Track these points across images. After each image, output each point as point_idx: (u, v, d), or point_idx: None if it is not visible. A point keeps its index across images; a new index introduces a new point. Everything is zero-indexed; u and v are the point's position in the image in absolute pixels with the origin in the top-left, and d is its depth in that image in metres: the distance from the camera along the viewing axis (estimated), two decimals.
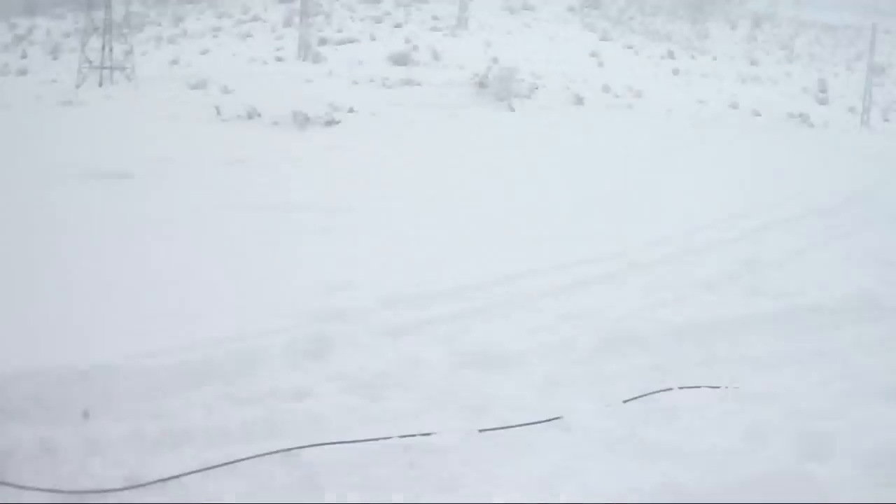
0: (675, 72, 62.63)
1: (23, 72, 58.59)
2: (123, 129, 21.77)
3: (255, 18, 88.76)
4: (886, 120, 53.03)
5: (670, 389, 7.27)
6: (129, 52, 50.08)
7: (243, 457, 5.88)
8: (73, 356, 6.93)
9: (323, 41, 64.10)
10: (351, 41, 67.43)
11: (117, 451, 6.05)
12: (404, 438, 6.16)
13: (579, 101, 36.34)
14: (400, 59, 47.56)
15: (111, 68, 48.34)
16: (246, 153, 17.55)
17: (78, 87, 42.84)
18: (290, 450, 5.96)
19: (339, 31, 74.95)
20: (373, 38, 69.19)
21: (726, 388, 7.39)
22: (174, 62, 55.19)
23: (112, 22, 51.86)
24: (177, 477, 5.68)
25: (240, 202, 12.88)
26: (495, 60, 43.89)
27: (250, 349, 7.37)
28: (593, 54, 64.80)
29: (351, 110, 24.20)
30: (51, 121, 25.29)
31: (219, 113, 24.19)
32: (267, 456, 5.92)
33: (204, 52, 62.85)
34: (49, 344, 7.34)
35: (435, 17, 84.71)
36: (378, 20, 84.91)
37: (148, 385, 6.80)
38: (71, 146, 19.13)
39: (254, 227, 11.45)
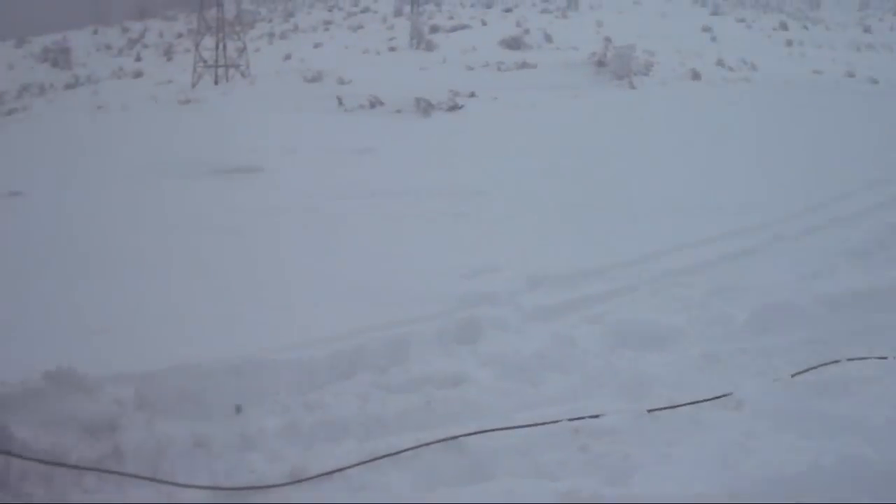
0: (789, 43, 61.26)
1: (138, 74, 59.59)
2: (245, 124, 21.90)
3: (366, 10, 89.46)
4: None
5: (838, 361, 6.96)
6: (242, 50, 50.72)
7: (405, 447, 5.75)
8: (223, 350, 6.90)
9: (434, 29, 64.09)
10: (462, 27, 67.33)
11: (274, 445, 5.99)
12: (573, 422, 5.95)
13: (696, 76, 35.66)
14: (513, 43, 47.28)
15: (226, 66, 48.97)
16: (373, 141, 17.50)
17: (194, 86, 43.42)
18: (455, 438, 5.80)
19: (450, 18, 75.03)
20: (484, 24, 69.06)
21: (895, 358, 7.07)
22: (287, 57, 55.54)
23: (224, 20, 52.56)
24: (341, 470, 5.57)
25: (373, 189, 12.82)
26: (608, 40, 43.46)
27: (400, 336, 7.26)
28: (705, 29, 63.80)
29: (472, 95, 24.02)
30: (172, 120, 25.60)
31: (341, 103, 24.18)
32: (431, 445, 5.78)
33: (316, 46, 63.23)
34: (199, 339, 7.32)
35: (545, 0, 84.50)
36: (488, 5, 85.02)
37: (300, 377, 6.74)
38: (195, 143, 19.29)
39: (389, 213, 11.38)
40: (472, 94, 24.37)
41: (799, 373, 6.74)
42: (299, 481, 5.49)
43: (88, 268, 9.67)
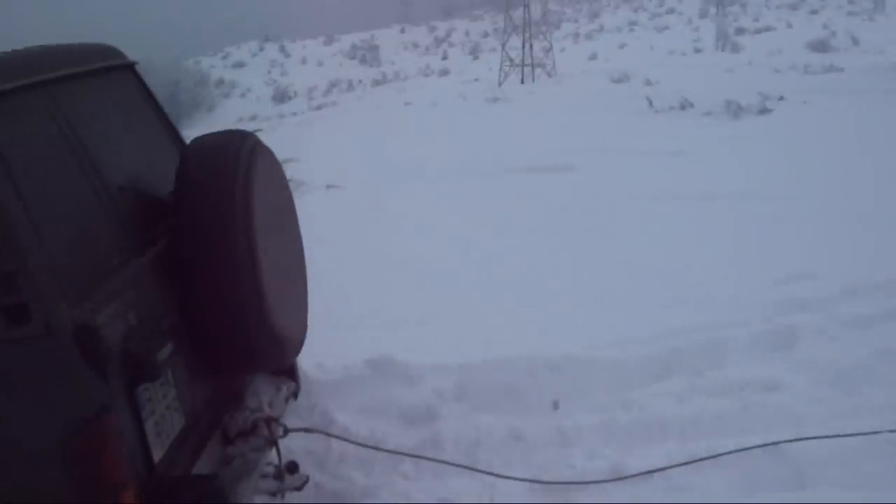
0: None
1: (445, 72, 60.90)
2: (553, 123, 22.02)
3: (671, 11, 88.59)
4: None
5: None
6: (548, 50, 51.12)
7: (724, 450, 5.72)
8: (543, 347, 7.00)
9: (740, 30, 62.95)
10: (767, 29, 65.90)
11: (592, 441, 6.04)
12: (894, 433, 5.77)
13: None
14: (819, 46, 45.86)
15: (532, 65, 49.45)
16: (685, 144, 17.29)
17: (501, 84, 44.02)
18: (776, 444, 5.73)
19: (755, 20, 73.52)
20: (789, 26, 67.37)
21: None
22: (592, 57, 55.71)
23: (531, 20, 53.08)
24: (662, 469, 5.59)
25: (686, 192, 12.67)
26: None
27: (716, 340, 7.17)
28: None
29: (781, 98, 23.44)
30: (480, 117, 25.99)
31: (651, 104, 24.05)
32: (750, 450, 5.73)
33: (621, 46, 63.16)
34: (520, 335, 7.43)
35: (851, 2, 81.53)
36: (794, 7, 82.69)
37: (617, 376, 6.77)
38: (504, 141, 19.54)
39: (704, 216, 11.22)
40: (781, 98, 23.72)
41: None
42: (621, 479, 5.54)
43: (408, 259, 9.94)
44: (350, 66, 74.90)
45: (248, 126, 28.71)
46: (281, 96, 63.05)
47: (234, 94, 71.55)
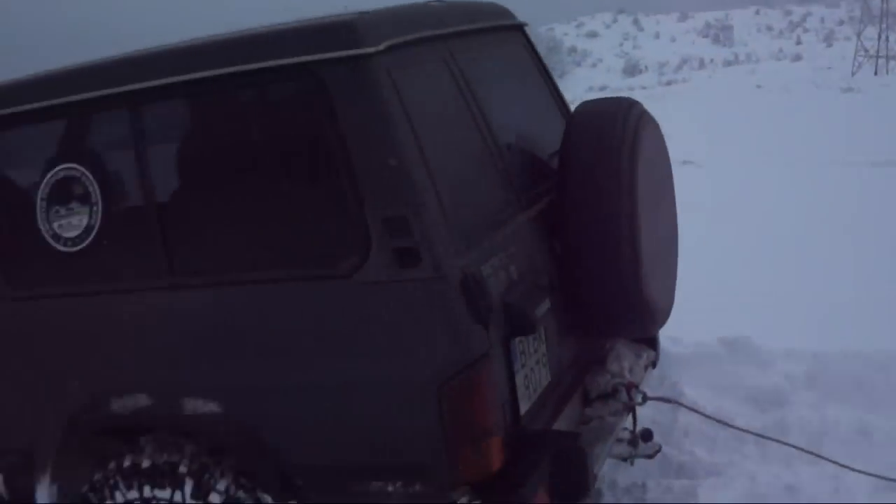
0: None
1: (797, 57, 59.27)
2: None
3: None
4: None
5: None
6: None
7: None
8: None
9: None
10: None
11: None
12: None
13: None
14: None
15: (886, 57, 47.36)
16: None
17: (853, 74, 42.44)
18: None
19: None
20: None
21: None
22: None
23: (888, 11, 50.84)
24: None
25: None
26: None
27: None
28: None
29: None
30: (832, 106, 25.18)
31: None
32: None
33: None
34: (879, 329, 7.17)
35: None
36: None
37: None
38: (857, 131, 18.87)
39: None
40: None
41: None
42: None
43: (771, 240, 9.78)
44: (702, 44, 74.06)
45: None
46: (631, 69, 63.16)
47: (586, 63, 72.12)
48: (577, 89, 43.22)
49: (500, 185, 4.19)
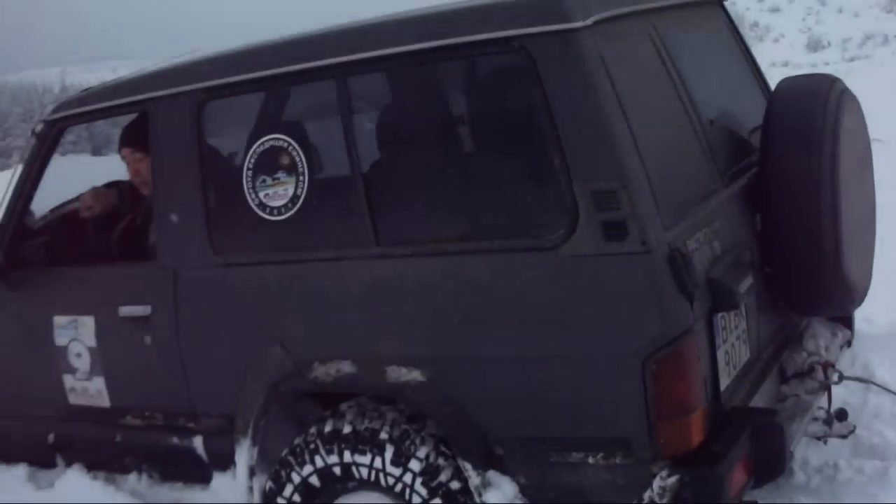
0: None
1: None
2: None
3: None
4: None
5: None
6: None
7: None
8: None
9: None
10: None
11: None
12: None
13: None
14: None
15: None
16: None
17: None
18: None
19: None
20: None
21: None
22: None
23: None
24: None
25: None
26: None
27: None
28: None
29: None
30: None
31: None
32: None
33: None
34: None
35: None
36: None
37: None
38: None
39: None
40: None
41: None
42: None
43: None
44: (886, 19, 71.64)
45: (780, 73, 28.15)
46: (814, 45, 61.68)
47: (768, 38, 70.58)
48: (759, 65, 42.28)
49: (704, 160, 4.17)
